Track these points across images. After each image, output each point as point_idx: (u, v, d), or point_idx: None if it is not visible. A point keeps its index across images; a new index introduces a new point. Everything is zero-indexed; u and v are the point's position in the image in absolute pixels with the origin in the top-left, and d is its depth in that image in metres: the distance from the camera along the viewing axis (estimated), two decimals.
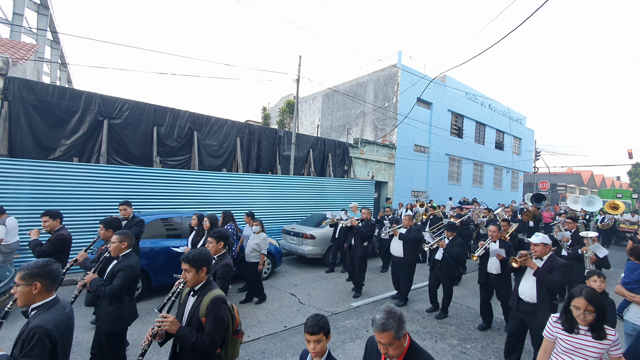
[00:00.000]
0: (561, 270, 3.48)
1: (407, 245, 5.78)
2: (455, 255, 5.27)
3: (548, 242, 3.68)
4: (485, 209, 10.16)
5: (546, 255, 3.68)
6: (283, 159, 12.23)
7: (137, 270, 3.08)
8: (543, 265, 3.61)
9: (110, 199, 7.32)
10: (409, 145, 17.18)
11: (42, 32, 12.06)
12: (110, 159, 8.50)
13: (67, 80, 18.45)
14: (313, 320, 1.91)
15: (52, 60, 14.55)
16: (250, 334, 4.56)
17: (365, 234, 6.26)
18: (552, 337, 2.39)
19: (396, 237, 5.95)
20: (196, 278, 2.26)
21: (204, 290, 2.26)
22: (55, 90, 7.92)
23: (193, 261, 2.24)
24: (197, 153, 9.96)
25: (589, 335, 2.18)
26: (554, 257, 3.69)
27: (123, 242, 3.10)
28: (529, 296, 3.61)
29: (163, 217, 6.41)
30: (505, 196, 23.72)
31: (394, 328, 1.71)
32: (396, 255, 5.92)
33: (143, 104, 9.11)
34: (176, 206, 8.24)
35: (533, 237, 3.78)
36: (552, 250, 3.82)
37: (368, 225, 6.34)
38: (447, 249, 5.32)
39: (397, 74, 16.68)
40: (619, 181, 52.29)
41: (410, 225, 5.96)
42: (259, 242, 5.67)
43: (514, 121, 24.99)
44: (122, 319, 2.98)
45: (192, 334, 2.10)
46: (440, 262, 5.37)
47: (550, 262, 3.61)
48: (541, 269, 3.53)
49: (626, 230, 13.17)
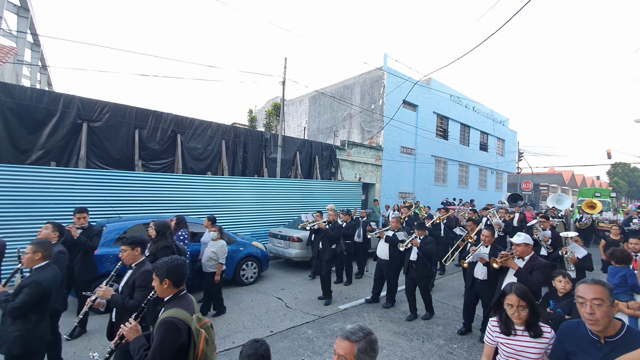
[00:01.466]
0: (542, 271, 3.45)
1: (393, 248, 5.72)
2: (429, 253, 5.29)
3: (530, 242, 3.66)
4: (471, 210, 10.20)
5: (528, 255, 3.65)
6: (270, 162, 12.13)
7: (47, 287, 2.65)
8: (524, 265, 3.57)
9: (90, 204, 7.07)
10: (396, 147, 17.32)
11: (22, 35, 11.68)
12: (90, 162, 8.25)
13: (48, 82, 17.92)
14: (251, 349, 1.71)
15: (33, 62, 14.12)
16: (235, 340, 4.46)
17: (333, 237, 6.08)
18: (493, 342, 2.29)
19: (382, 240, 5.90)
20: (160, 289, 2.09)
21: (167, 306, 2.06)
22: (33, 93, 7.65)
23: (156, 270, 2.10)
24: (181, 156, 9.77)
25: (527, 335, 2.15)
26: (536, 257, 3.66)
27: (37, 253, 2.73)
28: None
29: (145, 222, 6.23)
30: (490, 197, 24.17)
31: (360, 344, 1.48)
32: (382, 257, 5.85)
33: (124, 107, 8.89)
34: (159, 211, 8.04)
35: (515, 237, 3.75)
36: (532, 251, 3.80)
37: (335, 227, 6.19)
38: (421, 247, 5.30)
39: (383, 76, 16.83)
40: (598, 180, 54.12)
41: (397, 228, 5.92)
42: (217, 250, 5.17)
43: (497, 123, 25.53)
44: (23, 341, 2.57)
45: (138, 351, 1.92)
46: (416, 263, 5.31)
47: (531, 263, 3.57)
48: (522, 269, 3.48)
49: (605, 229, 13.08)
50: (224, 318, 5.17)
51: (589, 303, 1.77)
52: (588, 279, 1.89)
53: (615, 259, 3.54)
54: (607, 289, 1.78)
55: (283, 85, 11.78)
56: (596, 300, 1.75)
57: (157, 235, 4.29)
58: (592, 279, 1.90)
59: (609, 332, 1.76)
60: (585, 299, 1.80)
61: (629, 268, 3.44)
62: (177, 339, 1.86)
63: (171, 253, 3.98)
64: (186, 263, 2.23)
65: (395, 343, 4.50)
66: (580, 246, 4.92)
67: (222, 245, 5.24)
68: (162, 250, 4.09)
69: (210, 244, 5.30)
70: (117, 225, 5.79)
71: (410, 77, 16.83)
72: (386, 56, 16.83)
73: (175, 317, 1.91)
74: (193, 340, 1.91)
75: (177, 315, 1.92)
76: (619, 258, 3.51)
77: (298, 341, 4.48)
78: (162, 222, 4.46)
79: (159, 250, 4.10)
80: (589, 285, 1.83)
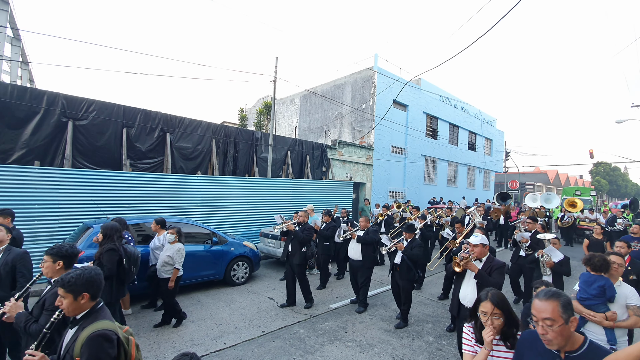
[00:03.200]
0: (500, 272, 3.38)
1: (366, 248, 5.65)
2: (414, 258, 4.99)
3: (487, 243, 3.56)
4: (448, 209, 10.16)
5: (484, 256, 3.54)
6: (261, 161, 12.08)
7: None
8: (482, 266, 3.48)
9: (77, 204, 6.93)
10: (386, 146, 17.46)
11: (2, 29, 11.31)
12: (75, 162, 8.06)
13: (29, 79, 17.40)
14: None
15: (13, 58, 13.69)
16: (226, 340, 4.44)
17: (303, 239, 5.66)
18: (473, 350, 2.11)
19: (354, 240, 5.82)
20: (74, 305, 1.87)
21: (86, 322, 1.86)
22: (14, 90, 7.43)
23: (69, 285, 1.85)
24: (170, 156, 9.64)
25: (502, 346, 2.01)
26: (492, 257, 3.58)
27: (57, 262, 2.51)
28: (470, 301, 3.36)
29: (133, 223, 6.13)
30: (478, 195, 24.58)
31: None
32: (354, 258, 5.78)
33: (111, 105, 8.71)
34: (148, 211, 7.91)
35: (472, 238, 3.60)
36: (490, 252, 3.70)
37: (305, 229, 5.78)
38: (406, 251, 5.00)
39: (373, 76, 16.93)
40: (581, 179, 55.61)
41: (367, 227, 5.88)
42: (173, 254, 4.75)
43: (485, 123, 25.98)
44: None
45: None
46: (400, 266, 5.06)
47: (489, 264, 3.48)
48: (482, 271, 3.38)
49: (585, 228, 13.07)
50: (215, 318, 5.14)
51: (540, 323, 1.64)
52: (542, 293, 1.71)
53: (592, 266, 3.13)
54: (560, 306, 1.62)
55: (274, 84, 11.73)
56: (547, 321, 1.61)
57: (104, 238, 3.99)
58: (546, 291, 1.71)
59: (568, 348, 1.66)
60: (537, 317, 1.66)
61: (607, 278, 3.07)
62: (112, 350, 1.78)
63: (117, 256, 3.83)
64: (101, 273, 2.04)
65: (386, 341, 4.55)
66: (557, 249, 4.75)
67: (178, 249, 4.80)
68: (107, 253, 3.81)
69: (166, 248, 4.91)
70: None
71: (400, 78, 16.99)
72: (377, 56, 16.93)
73: (104, 329, 1.81)
74: (123, 349, 1.84)
75: (105, 327, 1.82)
76: (597, 266, 3.09)
77: (290, 341, 4.48)
78: (110, 224, 4.16)
79: (103, 253, 3.82)
80: (541, 302, 1.66)
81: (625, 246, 4.22)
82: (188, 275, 6.08)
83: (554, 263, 4.54)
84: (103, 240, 4.01)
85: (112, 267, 3.76)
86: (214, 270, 6.57)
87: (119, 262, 3.87)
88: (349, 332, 4.78)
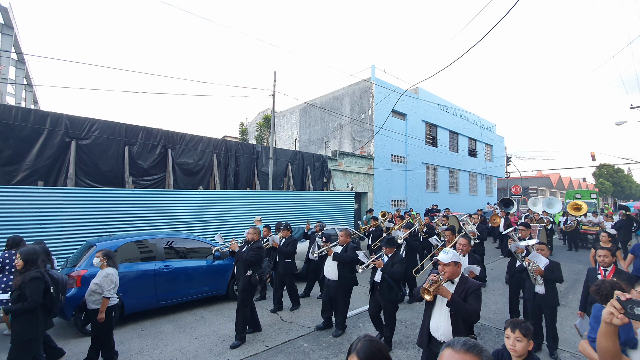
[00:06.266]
0: (477, 295, 2.79)
1: (343, 267, 5.06)
2: (396, 275, 4.42)
3: (459, 261, 2.95)
4: (444, 217, 9.61)
5: (457, 276, 2.91)
6: (262, 174, 12.15)
7: None
8: (455, 290, 2.86)
9: (80, 223, 6.99)
10: (387, 155, 17.54)
11: (6, 53, 11.63)
12: (79, 181, 8.16)
13: (33, 100, 17.79)
14: None
15: (17, 81, 14.03)
16: (230, 356, 4.40)
17: (248, 260, 4.82)
18: None
19: (330, 257, 5.23)
20: None
21: None
22: (18, 112, 7.60)
23: None
24: (172, 172, 9.74)
25: None
26: (466, 278, 2.96)
27: None
28: (444, 334, 2.79)
29: (136, 240, 6.16)
30: (481, 201, 24.49)
31: None
32: (330, 278, 5.15)
33: (113, 123, 8.87)
34: (151, 227, 7.96)
35: (441, 255, 2.96)
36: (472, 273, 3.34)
37: (253, 248, 4.92)
38: (386, 268, 4.44)
39: (371, 87, 17.14)
40: (585, 182, 55.29)
41: (347, 243, 5.23)
42: (100, 281, 4.06)
43: (484, 129, 26.09)
44: None
45: None
46: (380, 285, 4.52)
47: (463, 286, 2.86)
48: (455, 296, 2.75)
49: (588, 232, 12.51)
50: (219, 334, 5.10)
51: None
52: (458, 342, 1.26)
53: (602, 297, 2.47)
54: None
55: (273, 98, 11.92)
56: None
57: (25, 264, 3.53)
58: (464, 341, 1.26)
59: None
60: None
61: None
62: None
63: (43, 285, 3.39)
64: None
65: (391, 352, 4.49)
66: (541, 254, 4.41)
67: (106, 275, 4.08)
68: (31, 282, 3.33)
69: (97, 274, 4.19)
70: (108, 244, 5.70)
71: (398, 87, 17.18)
72: (374, 67, 17.19)
73: None
74: None
75: None
76: (608, 297, 2.32)
77: (294, 355, 4.44)
78: (31, 248, 3.73)
79: (26, 282, 3.32)
80: (457, 354, 1.22)
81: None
82: (191, 291, 6.08)
83: (542, 270, 4.24)
84: (24, 267, 3.52)
85: (37, 298, 3.33)
86: (216, 285, 6.55)
87: (45, 291, 3.42)
88: None
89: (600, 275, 3.89)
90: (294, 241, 6.48)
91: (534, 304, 4.41)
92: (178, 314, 6.03)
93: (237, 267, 5.02)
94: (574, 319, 3.93)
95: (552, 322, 4.34)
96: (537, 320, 4.42)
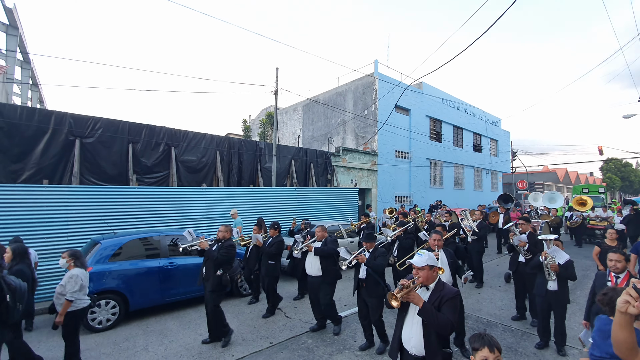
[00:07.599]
0: (452, 304, 2.50)
1: (325, 261, 5.01)
2: (380, 269, 4.39)
3: (435, 264, 2.66)
4: (447, 213, 9.26)
5: (433, 282, 2.64)
6: (265, 171, 12.14)
7: None
8: (430, 297, 2.58)
9: (85, 220, 7.04)
10: (390, 151, 17.43)
11: (12, 53, 11.69)
12: (83, 179, 8.21)
13: (39, 100, 17.88)
14: None
15: (23, 80, 14.11)
16: (234, 352, 4.41)
17: (218, 259, 4.64)
18: None
19: (311, 254, 5.16)
20: None
21: None
22: (23, 112, 7.66)
23: None
24: (176, 169, 9.76)
25: None
26: (442, 284, 2.66)
27: None
28: (415, 346, 2.53)
29: (141, 237, 6.19)
30: (486, 197, 24.30)
31: None
32: (313, 274, 5.08)
33: (117, 122, 8.90)
34: (156, 224, 7.99)
35: (416, 257, 2.68)
36: None
37: (224, 247, 4.76)
38: (369, 262, 4.38)
39: (374, 82, 17.01)
40: (592, 177, 54.60)
41: (324, 237, 5.24)
42: (64, 283, 3.82)
43: (489, 124, 25.81)
44: None
45: None
46: (366, 281, 4.39)
47: (438, 293, 2.58)
48: (428, 304, 2.47)
49: (596, 227, 12.15)
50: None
51: None
52: None
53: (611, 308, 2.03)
54: None
55: (275, 94, 11.87)
56: None
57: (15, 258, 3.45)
58: None
59: None
60: None
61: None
62: None
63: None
64: None
65: None
66: (562, 250, 4.29)
67: (71, 276, 3.83)
68: None
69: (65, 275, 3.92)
70: (112, 241, 5.74)
71: (401, 82, 17.03)
72: (377, 62, 17.04)
73: None
74: None
75: None
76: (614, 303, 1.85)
77: (298, 351, 4.43)
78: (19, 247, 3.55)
79: None
80: None
81: None
82: (195, 287, 6.09)
83: (558, 266, 4.09)
84: (14, 260, 3.42)
85: None
86: None
87: (1, 299, 3.12)
88: (358, 341, 4.71)
89: (610, 282, 3.49)
90: (280, 242, 6.03)
91: (545, 300, 4.33)
92: (183, 310, 6.06)
93: (207, 267, 4.74)
94: (582, 315, 3.84)
95: (561, 319, 4.29)
96: (545, 316, 4.39)
